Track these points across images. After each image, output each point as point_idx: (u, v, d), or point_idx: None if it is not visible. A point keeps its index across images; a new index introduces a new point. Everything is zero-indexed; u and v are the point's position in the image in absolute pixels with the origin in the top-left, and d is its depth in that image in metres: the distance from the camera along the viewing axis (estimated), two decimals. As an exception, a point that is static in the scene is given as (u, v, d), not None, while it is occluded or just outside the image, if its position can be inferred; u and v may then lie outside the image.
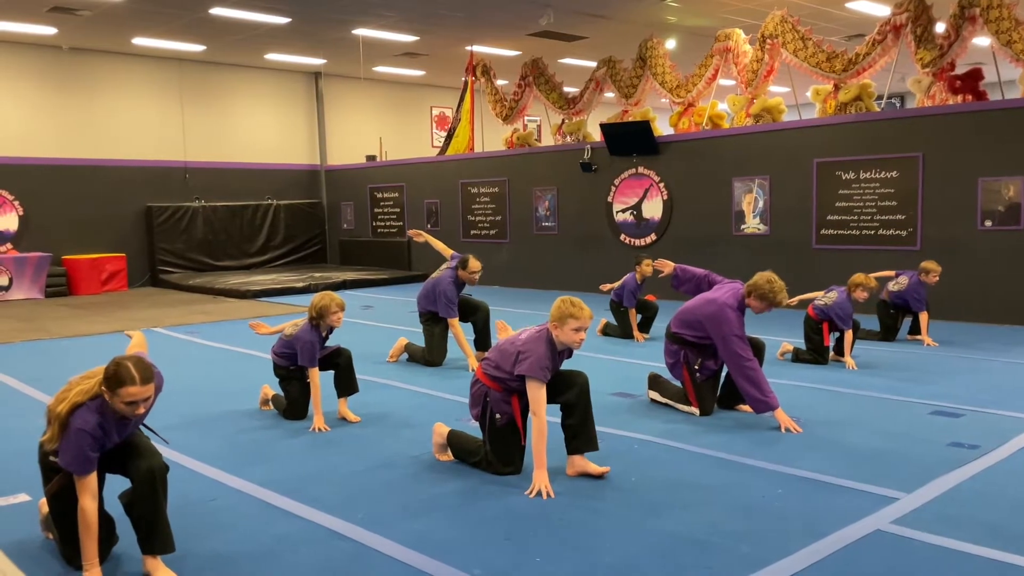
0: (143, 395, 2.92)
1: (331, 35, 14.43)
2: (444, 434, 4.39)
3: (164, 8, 12.37)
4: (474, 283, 7.13)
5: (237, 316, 10.61)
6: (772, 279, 5.01)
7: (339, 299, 5.22)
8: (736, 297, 5.15)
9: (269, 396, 5.60)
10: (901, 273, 7.89)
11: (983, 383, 6.12)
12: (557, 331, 3.93)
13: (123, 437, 3.09)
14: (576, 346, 3.96)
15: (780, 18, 11.10)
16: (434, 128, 20.47)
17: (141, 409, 2.95)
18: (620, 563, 3.11)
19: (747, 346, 5.07)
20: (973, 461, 4.26)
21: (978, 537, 3.28)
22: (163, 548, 3.06)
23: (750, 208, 10.96)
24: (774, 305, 5.03)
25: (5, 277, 13.26)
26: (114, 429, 3.02)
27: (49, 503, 3.15)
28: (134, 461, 3.05)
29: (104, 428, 2.97)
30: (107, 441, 3.01)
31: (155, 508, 3.04)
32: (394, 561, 3.16)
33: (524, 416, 4.08)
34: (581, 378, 4.10)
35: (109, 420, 2.98)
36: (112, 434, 3.02)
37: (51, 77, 14.75)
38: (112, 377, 2.90)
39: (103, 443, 2.99)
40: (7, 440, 4.96)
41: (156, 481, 3.03)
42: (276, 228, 17.22)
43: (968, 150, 9.05)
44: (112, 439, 3.03)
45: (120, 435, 3.07)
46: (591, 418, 4.11)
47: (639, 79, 13.04)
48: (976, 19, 9.28)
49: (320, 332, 5.22)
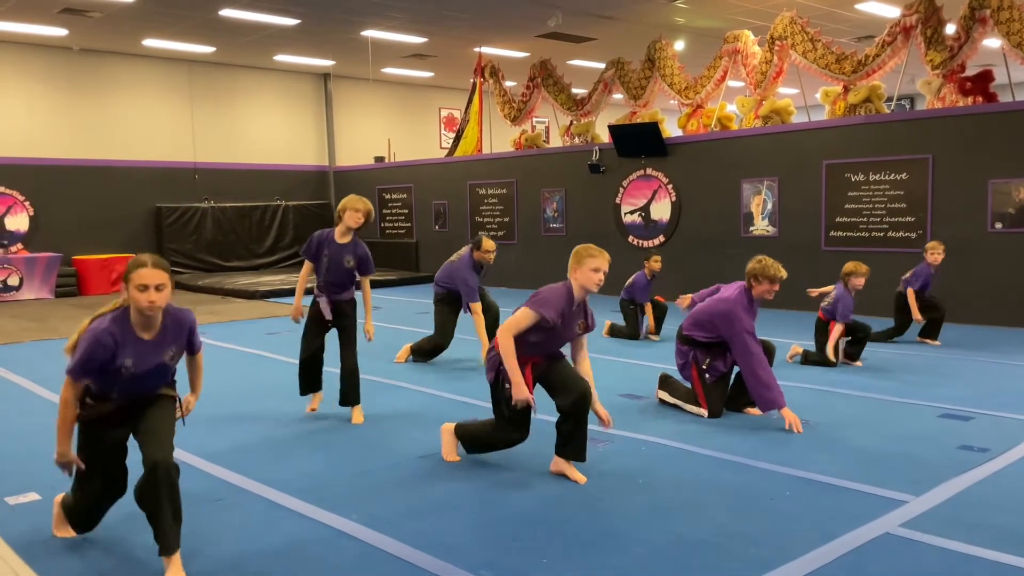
0: (154, 279, 2.95)
1: (340, 36, 14.47)
2: (451, 431, 4.39)
3: (174, 9, 12.42)
4: (489, 262, 7.10)
5: (246, 317, 10.64)
6: (759, 259, 5.11)
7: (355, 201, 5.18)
8: (743, 293, 5.19)
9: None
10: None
11: (993, 386, 6.08)
12: (576, 274, 3.93)
13: (141, 368, 3.02)
14: (593, 287, 3.91)
15: (789, 19, 11.07)
16: (442, 129, 20.49)
17: (153, 296, 2.95)
18: (628, 565, 3.11)
19: (758, 344, 5.09)
20: (982, 464, 4.24)
21: (987, 541, 3.26)
22: (163, 548, 3.01)
23: (759, 210, 10.93)
24: (776, 280, 5.07)
25: (15, 277, 13.33)
26: (131, 347, 3.00)
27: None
28: (148, 447, 3.02)
29: (116, 339, 2.98)
30: (118, 354, 2.98)
31: (155, 504, 2.98)
32: (401, 562, 3.17)
33: (535, 383, 4.08)
34: (581, 386, 4.02)
35: (126, 333, 3.01)
36: (126, 350, 2.99)
37: (61, 78, 14.84)
38: (128, 267, 3.00)
39: (113, 353, 2.97)
40: (17, 440, 4.99)
41: (158, 476, 2.95)
42: (285, 229, 17.27)
43: (978, 152, 9.01)
44: (124, 357, 2.98)
45: (137, 360, 3.00)
46: (584, 429, 4.06)
47: (648, 80, 13.02)
48: (986, 20, 9.24)
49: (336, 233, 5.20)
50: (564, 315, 3.95)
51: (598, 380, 6.28)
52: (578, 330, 4.10)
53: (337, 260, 5.10)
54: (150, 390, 3.18)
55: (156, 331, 3.09)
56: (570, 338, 4.13)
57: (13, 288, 13.29)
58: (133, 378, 3.07)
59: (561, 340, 4.10)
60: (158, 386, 3.20)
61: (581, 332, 4.13)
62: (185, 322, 3.21)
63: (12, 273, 13.31)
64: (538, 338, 3.98)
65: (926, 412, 5.34)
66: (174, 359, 3.19)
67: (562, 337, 4.07)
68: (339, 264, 5.10)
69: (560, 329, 3.99)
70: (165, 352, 3.12)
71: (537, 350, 4.04)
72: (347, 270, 5.11)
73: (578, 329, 4.10)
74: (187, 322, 3.22)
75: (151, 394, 3.19)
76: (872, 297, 8.38)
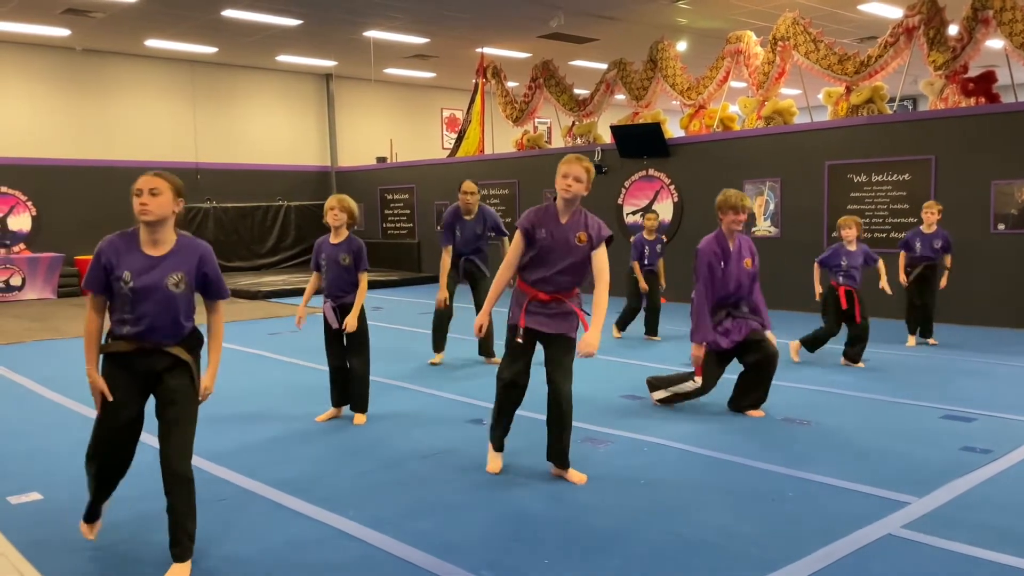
0: (148, 184, 2.97)
1: (342, 37, 14.48)
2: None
3: (176, 10, 12.44)
4: (467, 205, 6.99)
5: (248, 317, 10.65)
6: (723, 191, 5.25)
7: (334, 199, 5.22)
8: (716, 232, 5.29)
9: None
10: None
11: (995, 387, 6.08)
12: (557, 184, 3.94)
13: (140, 284, 2.94)
14: (562, 192, 3.90)
15: (792, 20, 11.07)
16: (444, 130, 20.50)
17: (146, 199, 2.95)
18: (629, 565, 3.10)
19: (704, 283, 5.17)
20: (985, 466, 4.23)
21: (990, 542, 3.25)
22: (178, 554, 3.05)
23: (761, 210, 10.93)
24: (739, 208, 5.14)
25: (18, 277, 13.35)
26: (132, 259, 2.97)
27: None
28: (165, 447, 3.02)
29: (117, 248, 2.99)
30: (117, 264, 2.96)
31: (177, 510, 3.03)
32: (403, 562, 3.17)
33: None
34: (561, 393, 3.98)
35: (131, 245, 3.01)
36: (126, 260, 2.96)
37: (64, 78, 14.86)
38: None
39: (111, 262, 2.96)
40: (20, 439, 4.99)
41: (174, 486, 3.01)
42: (287, 229, 17.28)
43: (981, 153, 9.00)
44: (123, 268, 2.95)
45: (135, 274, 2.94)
46: (565, 437, 4.04)
47: (650, 81, 13.03)
48: (989, 21, 9.23)
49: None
50: (544, 224, 3.92)
51: (598, 381, 6.31)
52: (577, 241, 3.91)
53: (334, 259, 5.15)
54: (159, 335, 2.99)
55: (163, 249, 3.02)
56: (572, 252, 3.92)
57: (16, 288, 13.31)
58: (135, 300, 2.95)
59: (559, 254, 3.92)
60: (167, 334, 3.01)
61: (583, 243, 3.92)
62: (198, 248, 3.08)
63: (15, 273, 13.33)
64: (534, 256, 3.94)
65: (928, 413, 5.34)
66: (180, 288, 2.99)
67: (558, 251, 3.92)
68: (336, 263, 5.14)
69: (550, 241, 3.91)
70: (167, 273, 2.98)
71: (540, 272, 3.94)
72: (345, 268, 5.14)
73: (577, 241, 3.91)
74: (200, 247, 3.09)
75: (162, 345, 3.00)
76: (872, 297, 8.37)
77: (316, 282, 5.30)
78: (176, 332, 3.04)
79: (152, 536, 3.32)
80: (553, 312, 3.97)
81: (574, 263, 3.95)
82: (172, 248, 3.03)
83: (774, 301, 10.55)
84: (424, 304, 11.59)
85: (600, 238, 3.94)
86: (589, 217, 4.00)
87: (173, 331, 3.03)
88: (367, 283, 5.26)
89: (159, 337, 3.01)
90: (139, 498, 3.70)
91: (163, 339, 3.02)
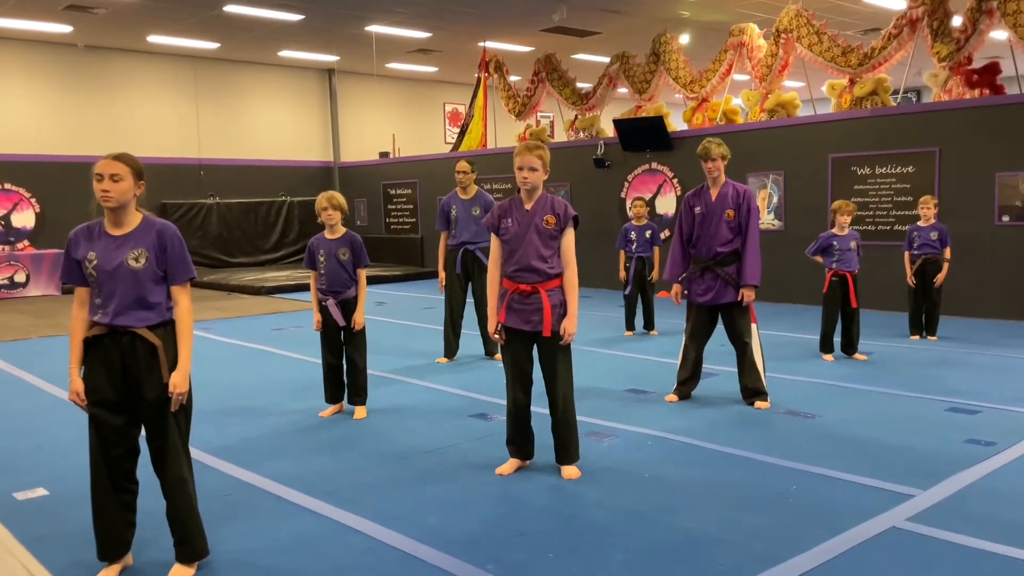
0: (107, 169, 2.99)
1: (344, 32, 14.46)
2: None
3: (179, 6, 12.43)
4: (461, 184, 7.04)
5: (251, 313, 10.66)
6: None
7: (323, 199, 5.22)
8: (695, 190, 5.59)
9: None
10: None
11: (1000, 380, 6.06)
12: (516, 176, 4.01)
13: (105, 265, 2.96)
14: (522, 183, 3.98)
15: (795, 12, 11.03)
16: (447, 124, 20.48)
17: (107, 185, 2.97)
18: (633, 559, 3.11)
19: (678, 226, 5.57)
20: (990, 458, 4.23)
21: (995, 534, 3.25)
22: (186, 555, 3.08)
23: (764, 204, 10.90)
24: (706, 156, 5.45)
25: (22, 274, 13.37)
26: (97, 241, 3.02)
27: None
28: (155, 459, 3.05)
29: (83, 233, 3.06)
30: (82, 246, 3.02)
31: (177, 511, 3.08)
32: (408, 556, 3.17)
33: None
34: (558, 405, 4.02)
35: (98, 229, 3.06)
36: (92, 244, 3.01)
37: (67, 75, 14.86)
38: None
39: (81, 248, 3.02)
40: (24, 435, 5.01)
41: (170, 489, 3.06)
42: (290, 225, 17.28)
43: (985, 145, 8.97)
44: (88, 250, 3.00)
45: (100, 255, 2.97)
46: (561, 434, 4.07)
47: (653, 74, 12.99)
48: (993, 12, 9.19)
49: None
50: (509, 214, 4.02)
51: (600, 375, 6.31)
52: (545, 224, 3.96)
53: (332, 254, 5.16)
54: (129, 317, 2.96)
55: (126, 230, 3.04)
56: (541, 235, 3.96)
57: (20, 285, 13.33)
58: (100, 281, 2.97)
59: (528, 240, 3.95)
60: (136, 316, 2.96)
61: (552, 226, 3.97)
62: (156, 224, 3.07)
63: (19, 270, 13.35)
64: (508, 248, 4.02)
65: (933, 406, 5.33)
66: (140, 262, 2.97)
67: (527, 236, 3.95)
68: (335, 259, 5.15)
69: (517, 228, 3.97)
70: (128, 250, 2.98)
71: (514, 262, 3.99)
72: (343, 264, 5.15)
73: (545, 224, 3.96)
74: (159, 224, 3.08)
75: (132, 328, 2.96)
76: (877, 290, 8.37)
77: (315, 281, 5.32)
78: (143, 313, 2.99)
79: (154, 533, 3.32)
80: (536, 307, 3.96)
81: (546, 248, 3.98)
82: (134, 228, 3.06)
83: (778, 295, 10.58)
84: (427, 299, 11.59)
85: (567, 217, 4.02)
86: (556, 200, 4.06)
87: (140, 311, 2.99)
88: (366, 278, 5.29)
89: (130, 320, 2.97)
90: (142, 495, 3.70)
91: (133, 322, 2.97)
